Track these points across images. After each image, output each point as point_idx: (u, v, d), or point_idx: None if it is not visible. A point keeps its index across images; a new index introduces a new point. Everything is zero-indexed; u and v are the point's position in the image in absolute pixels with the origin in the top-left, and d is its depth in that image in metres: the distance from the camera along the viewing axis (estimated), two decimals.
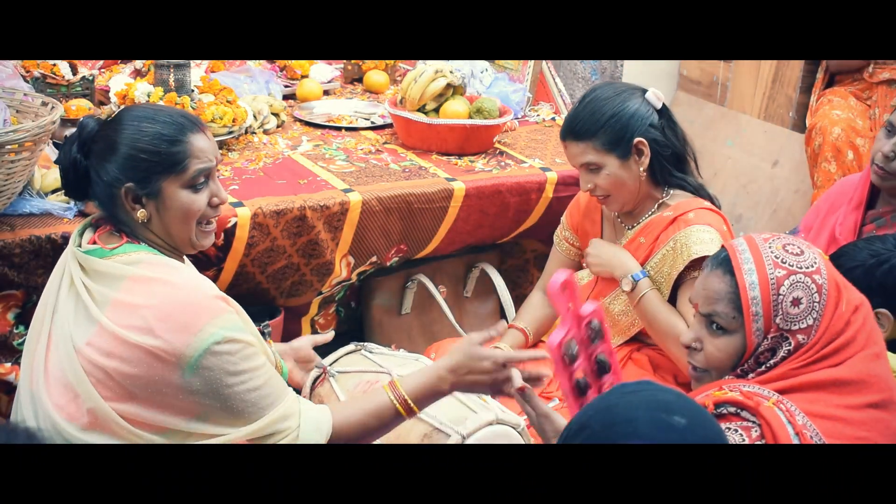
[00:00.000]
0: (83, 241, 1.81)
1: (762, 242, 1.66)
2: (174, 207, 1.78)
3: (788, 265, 1.61)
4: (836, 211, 2.62)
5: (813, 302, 1.60)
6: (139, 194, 1.76)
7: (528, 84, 3.26)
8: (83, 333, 1.71)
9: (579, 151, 2.29)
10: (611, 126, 2.25)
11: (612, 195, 2.31)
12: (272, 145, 2.81)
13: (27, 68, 2.75)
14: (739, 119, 4.47)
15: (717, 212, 2.31)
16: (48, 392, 1.73)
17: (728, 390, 1.59)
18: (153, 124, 1.78)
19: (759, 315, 1.61)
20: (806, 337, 1.60)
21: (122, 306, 1.70)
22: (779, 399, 1.55)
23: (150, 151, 1.76)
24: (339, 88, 3.41)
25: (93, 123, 1.81)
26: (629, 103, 2.28)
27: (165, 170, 1.77)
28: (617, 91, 2.32)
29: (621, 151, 2.26)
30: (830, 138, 3.69)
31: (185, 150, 1.78)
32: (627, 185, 2.29)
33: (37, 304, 1.85)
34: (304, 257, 2.48)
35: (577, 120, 2.29)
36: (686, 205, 2.29)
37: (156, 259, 1.77)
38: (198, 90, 2.74)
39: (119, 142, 1.76)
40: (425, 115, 2.85)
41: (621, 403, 1.19)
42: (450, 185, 2.65)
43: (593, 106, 2.28)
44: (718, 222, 2.26)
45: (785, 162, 4.28)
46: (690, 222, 2.24)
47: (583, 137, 2.27)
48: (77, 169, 1.80)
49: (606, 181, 2.28)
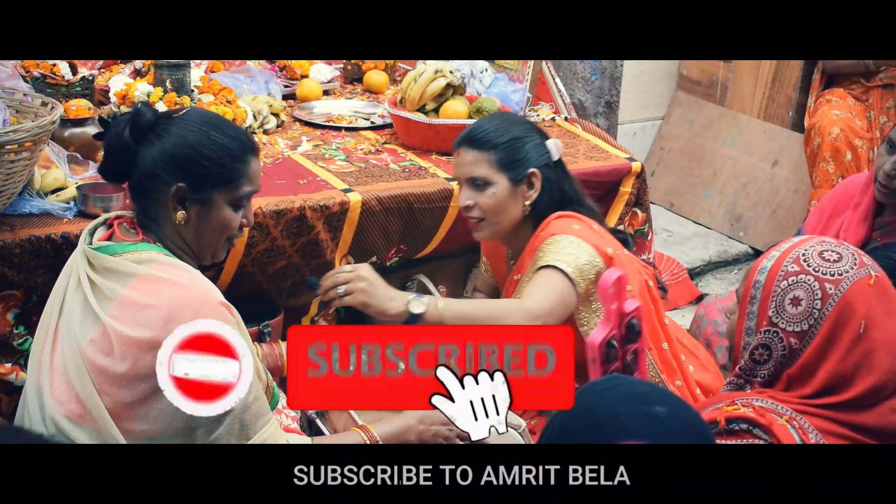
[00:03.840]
0: (94, 238, 1.81)
1: (807, 241, 1.61)
2: (216, 219, 1.81)
3: (806, 265, 1.57)
4: (842, 214, 2.62)
5: (813, 308, 1.55)
6: (187, 197, 1.77)
7: (528, 84, 3.26)
8: (87, 331, 1.72)
9: (472, 161, 2.22)
10: (511, 146, 2.22)
11: (487, 219, 2.25)
12: (272, 145, 2.81)
13: (27, 68, 2.75)
14: (739, 119, 4.47)
15: (571, 215, 2.24)
16: (51, 387, 1.74)
17: (741, 406, 1.55)
18: (221, 136, 1.79)
19: (755, 299, 1.59)
20: (799, 342, 1.55)
21: (128, 304, 1.70)
22: (792, 416, 1.51)
23: (214, 161, 1.77)
24: (339, 88, 3.41)
25: (150, 112, 1.80)
26: (534, 136, 2.26)
27: (222, 183, 1.79)
28: (524, 122, 2.32)
29: (514, 175, 2.22)
30: (829, 138, 3.69)
31: (243, 170, 1.82)
32: (508, 213, 2.24)
33: (37, 304, 1.85)
34: (303, 257, 2.48)
35: (479, 129, 2.25)
36: (544, 225, 2.24)
37: (167, 260, 1.77)
38: (197, 90, 2.74)
39: (185, 139, 1.77)
40: (425, 115, 2.85)
41: (600, 403, 1.18)
42: (450, 185, 2.65)
43: (499, 123, 2.26)
44: (565, 225, 2.20)
45: (785, 162, 4.28)
46: (542, 239, 2.20)
47: (481, 148, 2.22)
48: (126, 152, 1.78)
49: (490, 201, 2.22)
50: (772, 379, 1.60)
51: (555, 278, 2.14)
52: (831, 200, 2.70)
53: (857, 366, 1.54)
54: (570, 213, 2.26)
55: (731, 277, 4.09)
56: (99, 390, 1.70)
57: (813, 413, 1.53)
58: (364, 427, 1.95)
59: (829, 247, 1.59)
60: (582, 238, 2.18)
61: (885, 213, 2.55)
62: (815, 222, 2.70)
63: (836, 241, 1.62)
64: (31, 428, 1.75)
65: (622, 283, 1.62)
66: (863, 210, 2.55)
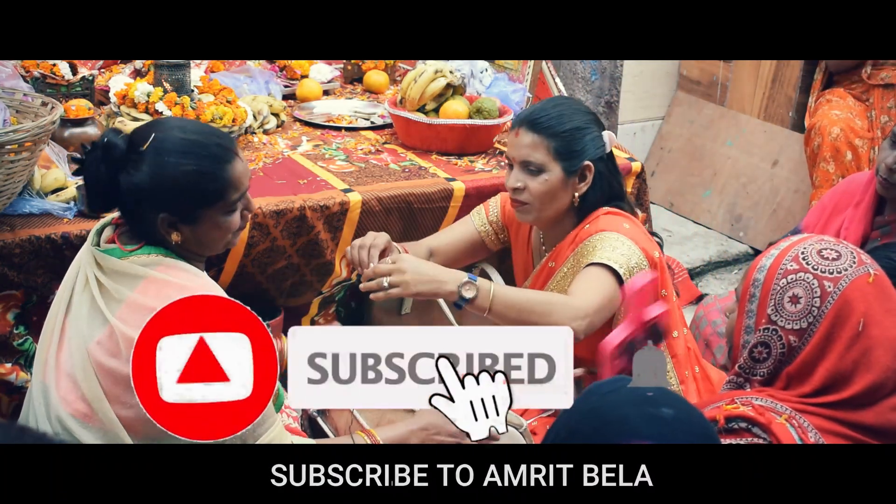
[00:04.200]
0: (101, 240, 1.81)
1: (807, 239, 1.61)
2: (212, 229, 1.80)
3: (805, 263, 1.57)
4: (843, 212, 2.61)
5: (812, 306, 1.55)
6: (176, 222, 1.77)
7: (528, 84, 3.26)
8: (94, 332, 1.72)
9: (531, 143, 2.17)
10: (572, 136, 2.17)
11: (534, 204, 2.21)
12: (272, 145, 2.81)
13: (27, 68, 2.75)
14: (739, 119, 4.47)
15: (620, 213, 2.22)
16: (57, 385, 1.75)
17: (740, 404, 1.55)
18: (194, 161, 1.75)
19: (754, 297, 1.59)
20: (798, 340, 1.56)
21: (136, 306, 1.70)
22: (791, 415, 1.51)
23: (193, 190, 1.75)
24: (339, 88, 3.41)
25: (121, 144, 1.76)
26: (593, 128, 2.22)
27: (206, 203, 1.78)
28: (587, 111, 2.25)
29: (569, 166, 2.18)
30: (829, 138, 3.69)
31: (224, 184, 1.78)
32: (556, 202, 2.21)
33: (37, 305, 1.85)
34: (304, 257, 2.48)
35: (542, 112, 2.19)
36: (591, 218, 2.21)
37: (174, 263, 1.77)
38: (197, 90, 2.74)
39: (155, 177, 1.74)
40: (425, 115, 2.85)
41: (605, 404, 1.18)
42: (450, 185, 2.65)
43: (562, 109, 2.20)
44: (616, 222, 2.17)
45: (785, 162, 4.28)
46: (588, 233, 2.17)
47: (542, 133, 2.17)
48: (107, 188, 1.77)
49: (541, 187, 2.18)
50: (771, 377, 1.60)
51: (605, 278, 2.09)
52: (832, 198, 2.70)
53: (856, 364, 1.54)
54: (619, 211, 2.23)
55: (731, 277, 4.10)
56: (105, 391, 1.70)
57: (812, 412, 1.54)
58: (368, 432, 1.95)
59: (828, 245, 1.60)
60: (632, 239, 2.15)
61: (886, 212, 2.55)
62: (816, 220, 2.70)
63: (835, 239, 1.63)
64: (36, 426, 1.75)
65: (647, 289, 1.61)
66: (863, 208, 2.55)
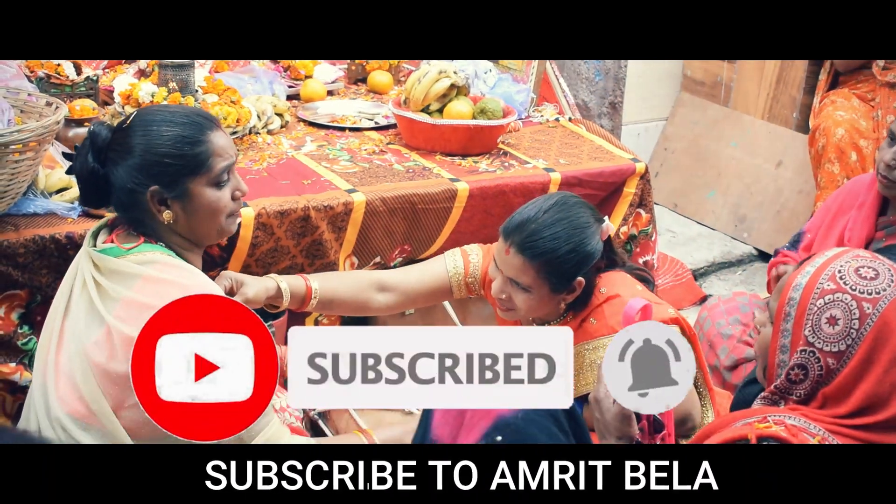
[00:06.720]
0: (98, 241, 1.82)
1: (842, 255, 1.58)
2: (202, 206, 1.81)
3: (843, 283, 1.54)
4: (847, 213, 2.61)
5: (851, 328, 1.52)
6: (165, 197, 1.78)
7: (532, 84, 3.26)
8: (91, 333, 1.72)
9: (517, 266, 2.06)
10: (564, 261, 2.06)
11: (518, 311, 2.14)
12: (276, 146, 2.82)
13: (31, 68, 2.75)
14: (743, 120, 4.47)
15: (626, 276, 2.18)
16: (56, 387, 1.75)
17: (773, 423, 1.52)
18: (172, 127, 1.79)
19: (790, 316, 1.56)
20: (836, 362, 1.53)
21: (133, 305, 1.71)
22: (824, 436, 1.50)
23: (174, 155, 1.77)
24: (343, 89, 3.41)
25: (105, 131, 1.81)
26: (591, 239, 2.09)
27: (191, 171, 1.79)
28: (582, 220, 2.09)
29: (558, 286, 2.09)
30: (834, 139, 3.68)
31: (207, 150, 1.80)
32: (541, 311, 2.15)
33: (41, 304, 1.86)
34: (307, 258, 2.48)
35: (535, 235, 2.06)
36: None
37: (171, 261, 1.78)
38: (202, 90, 2.75)
39: (139, 148, 1.77)
40: (429, 116, 2.85)
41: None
42: (453, 185, 2.65)
43: (557, 229, 2.06)
44: (628, 284, 2.13)
45: (789, 163, 4.27)
46: (605, 297, 2.11)
47: (532, 259, 2.05)
48: (96, 178, 1.80)
49: (525, 303, 2.10)
50: (807, 397, 1.57)
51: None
52: (836, 199, 2.69)
53: (894, 386, 1.52)
54: (625, 273, 2.19)
55: (735, 278, 4.09)
56: (103, 391, 1.70)
57: (846, 434, 1.51)
58: (366, 432, 1.96)
59: (865, 262, 1.57)
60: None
61: (889, 213, 2.55)
62: (820, 222, 2.69)
63: (870, 255, 1.60)
64: (37, 426, 1.76)
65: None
66: (867, 209, 2.54)
